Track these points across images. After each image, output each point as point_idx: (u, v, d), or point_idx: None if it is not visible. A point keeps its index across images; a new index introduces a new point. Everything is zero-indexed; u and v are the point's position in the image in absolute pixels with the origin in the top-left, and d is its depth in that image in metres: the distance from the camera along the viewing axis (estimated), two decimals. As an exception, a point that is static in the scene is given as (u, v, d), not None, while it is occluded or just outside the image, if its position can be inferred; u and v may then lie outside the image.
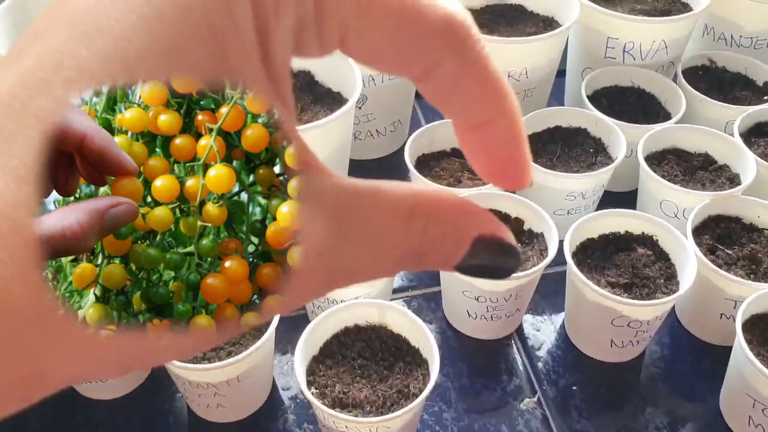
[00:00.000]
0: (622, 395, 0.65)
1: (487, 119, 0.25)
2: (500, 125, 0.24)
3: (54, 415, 0.63)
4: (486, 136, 0.25)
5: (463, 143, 0.27)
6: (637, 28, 0.78)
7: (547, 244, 0.64)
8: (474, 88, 0.23)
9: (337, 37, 0.22)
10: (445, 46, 0.22)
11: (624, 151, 0.71)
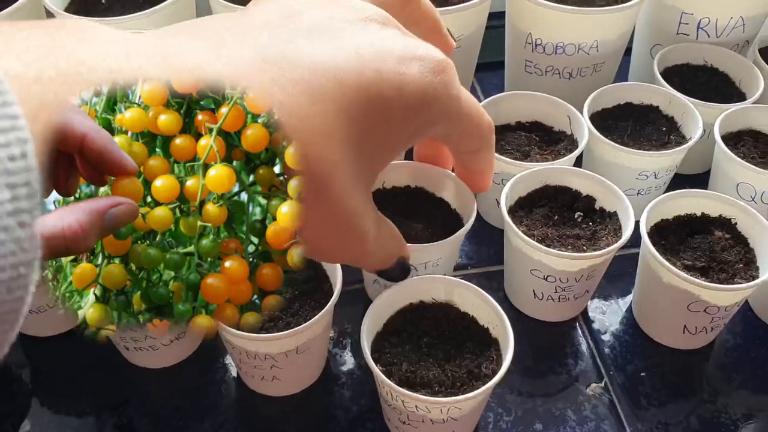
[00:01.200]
0: (692, 383, 0.62)
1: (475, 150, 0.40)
2: (482, 153, 0.41)
3: (103, 382, 0.61)
4: (472, 157, 0.41)
5: (454, 156, 0.43)
6: (715, 3, 0.74)
7: (621, 224, 0.61)
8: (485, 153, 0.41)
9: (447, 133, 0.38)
10: (485, 140, 0.40)
11: (700, 130, 0.68)
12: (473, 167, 0.43)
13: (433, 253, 0.53)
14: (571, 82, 0.76)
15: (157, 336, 0.58)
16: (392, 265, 0.40)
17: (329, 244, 0.34)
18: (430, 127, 0.35)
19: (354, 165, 0.32)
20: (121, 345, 0.59)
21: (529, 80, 0.78)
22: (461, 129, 0.37)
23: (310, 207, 0.31)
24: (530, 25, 0.74)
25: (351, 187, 0.32)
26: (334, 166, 0.31)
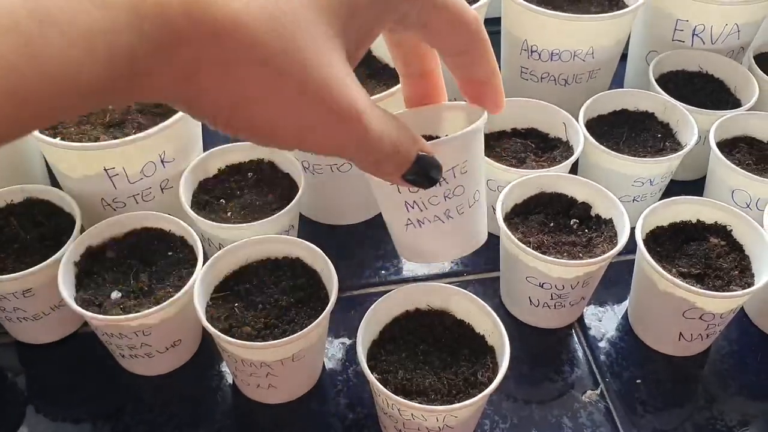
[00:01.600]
0: (688, 390, 0.62)
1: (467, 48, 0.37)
2: (477, 50, 0.37)
3: (99, 390, 0.61)
4: (467, 60, 0.37)
5: (452, 70, 0.39)
6: (710, 11, 0.74)
7: (616, 231, 0.61)
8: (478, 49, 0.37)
9: (423, 22, 0.35)
10: (473, 35, 0.36)
11: (695, 137, 0.68)
12: (474, 75, 0.39)
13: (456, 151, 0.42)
14: (567, 88, 0.77)
15: (153, 343, 0.57)
16: (413, 162, 0.36)
17: (311, 121, 0.30)
18: (398, 2, 0.33)
19: (324, 29, 0.29)
20: (116, 353, 0.59)
21: (525, 86, 0.78)
22: (438, 14, 0.34)
23: (278, 73, 0.28)
24: (526, 32, 0.74)
25: (323, 49, 0.29)
26: (301, 26, 0.29)
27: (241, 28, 0.27)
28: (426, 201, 0.40)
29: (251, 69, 0.28)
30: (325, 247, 0.58)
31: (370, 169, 0.35)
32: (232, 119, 0.29)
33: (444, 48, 0.38)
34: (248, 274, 0.59)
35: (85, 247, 0.59)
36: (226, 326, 0.54)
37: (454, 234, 0.44)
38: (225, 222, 0.61)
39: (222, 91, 0.28)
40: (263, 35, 0.27)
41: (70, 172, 0.61)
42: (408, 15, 0.34)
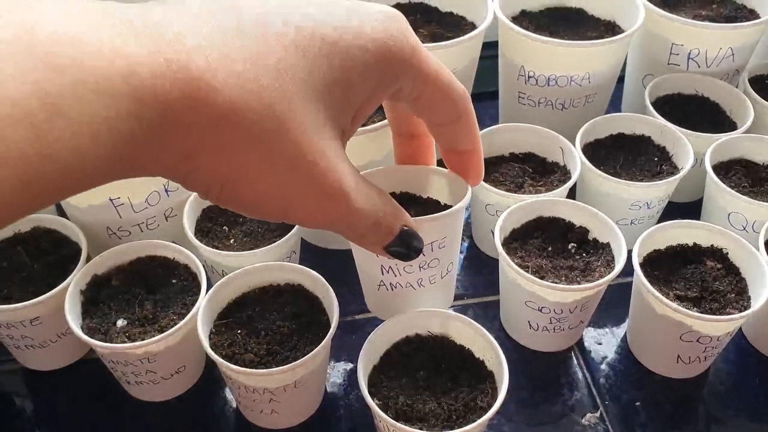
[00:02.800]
0: (687, 412, 0.63)
1: (453, 120, 0.39)
2: (463, 123, 0.39)
3: (104, 416, 0.62)
4: (453, 131, 0.40)
5: (437, 138, 0.42)
6: (704, 35, 0.75)
7: (614, 255, 0.62)
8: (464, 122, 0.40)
9: (415, 95, 0.37)
10: (461, 108, 0.38)
11: (691, 160, 0.69)
12: (458, 146, 0.41)
13: (437, 229, 0.46)
14: (564, 112, 0.78)
15: (158, 370, 0.58)
16: (396, 236, 0.38)
17: (299, 198, 0.32)
18: (394, 78, 0.35)
19: (316, 108, 0.31)
20: (122, 379, 0.60)
21: (522, 111, 0.79)
22: (429, 89, 0.36)
23: (269, 152, 0.30)
24: (523, 57, 0.75)
25: (314, 129, 0.31)
26: (294, 107, 0.30)
27: (238, 114, 0.28)
28: (401, 269, 0.43)
29: (243, 150, 0.29)
30: (327, 271, 0.59)
31: (355, 240, 0.37)
32: (222, 194, 0.31)
33: (432, 119, 0.40)
34: (251, 301, 0.60)
35: (91, 276, 0.60)
36: (229, 353, 0.55)
37: (422, 300, 0.47)
38: (228, 249, 0.62)
39: (216, 170, 0.30)
40: (258, 120, 0.29)
41: (76, 202, 0.63)
42: (402, 89, 0.36)
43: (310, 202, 0.32)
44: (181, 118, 0.27)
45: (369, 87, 0.34)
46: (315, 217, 0.33)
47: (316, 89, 0.31)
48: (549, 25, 0.81)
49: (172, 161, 0.28)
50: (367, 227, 0.35)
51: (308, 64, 0.30)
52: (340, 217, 0.34)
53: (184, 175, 0.30)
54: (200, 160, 0.29)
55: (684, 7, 0.82)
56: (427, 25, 0.79)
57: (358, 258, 0.45)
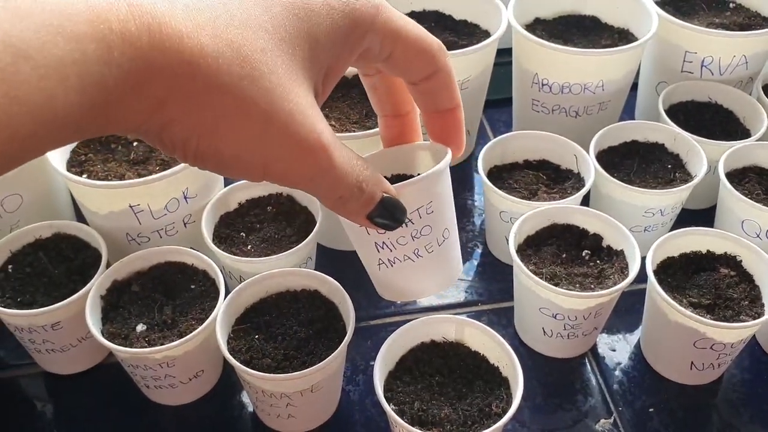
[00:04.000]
0: (700, 419, 0.63)
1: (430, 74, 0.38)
2: (441, 77, 0.38)
3: (122, 419, 0.63)
4: (431, 88, 0.39)
5: (418, 102, 0.41)
6: (717, 42, 0.76)
7: (627, 262, 0.62)
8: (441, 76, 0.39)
9: (387, 53, 0.36)
10: (436, 60, 0.37)
11: (704, 168, 0.69)
12: (439, 104, 0.40)
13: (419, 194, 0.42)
14: (578, 120, 0.78)
15: (177, 374, 0.59)
16: (378, 203, 0.37)
17: (276, 149, 0.31)
18: (361, 36, 0.34)
19: (287, 59, 0.31)
20: (141, 383, 0.61)
21: (536, 118, 0.80)
22: (400, 46, 0.36)
23: (243, 100, 0.29)
24: (537, 65, 0.76)
25: (287, 78, 0.30)
26: (263, 54, 0.30)
27: (207, 59, 0.28)
28: (394, 241, 0.42)
29: (216, 97, 0.29)
30: (342, 277, 0.60)
31: (335, 206, 0.36)
32: (199, 149, 0.30)
33: (407, 76, 0.39)
34: (268, 307, 0.60)
35: (111, 281, 0.61)
36: (247, 358, 0.56)
37: (426, 272, 0.46)
38: (245, 255, 0.63)
39: (189, 120, 0.29)
40: (228, 65, 0.29)
41: (96, 209, 0.64)
42: (371, 48, 0.36)
43: (288, 153, 0.31)
44: (151, 62, 0.27)
45: (336, 45, 0.33)
46: (294, 170, 0.32)
47: (283, 40, 0.30)
48: (562, 32, 0.81)
49: (145, 110, 0.28)
50: (347, 189, 0.34)
51: (273, 18, 0.30)
52: (320, 172, 0.33)
53: (159, 129, 0.29)
54: (173, 109, 0.29)
55: (697, 15, 0.82)
56: (442, 33, 0.80)
57: (354, 242, 0.44)
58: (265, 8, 0.30)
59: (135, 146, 0.67)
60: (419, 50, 0.37)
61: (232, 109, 0.29)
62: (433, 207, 0.42)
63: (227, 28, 0.29)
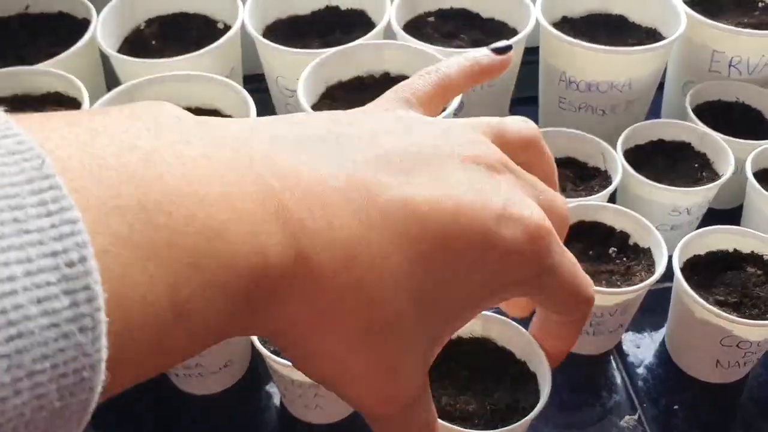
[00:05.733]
0: (725, 418, 0.63)
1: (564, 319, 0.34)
2: (572, 325, 0.34)
3: (150, 408, 0.64)
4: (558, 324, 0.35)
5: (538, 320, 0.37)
6: (746, 42, 0.76)
7: (654, 260, 0.63)
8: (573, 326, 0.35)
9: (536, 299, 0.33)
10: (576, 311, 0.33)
11: (731, 167, 0.69)
12: (554, 333, 0.37)
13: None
14: (604, 118, 0.78)
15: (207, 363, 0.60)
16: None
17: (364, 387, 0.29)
18: (512, 289, 0.30)
19: (418, 320, 0.28)
20: (171, 372, 0.62)
21: (562, 116, 0.80)
22: (552, 299, 0.32)
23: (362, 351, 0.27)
24: (564, 63, 0.76)
25: (410, 341, 0.28)
26: (398, 316, 0.27)
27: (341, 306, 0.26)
28: None
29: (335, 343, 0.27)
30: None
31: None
32: (300, 366, 0.29)
33: (543, 313, 0.36)
34: (297, 299, 0.61)
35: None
36: (276, 348, 0.57)
37: None
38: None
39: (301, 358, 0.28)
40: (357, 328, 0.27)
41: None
42: (527, 295, 0.32)
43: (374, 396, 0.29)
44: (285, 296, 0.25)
45: (481, 297, 0.29)
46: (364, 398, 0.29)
47: (426, 296, 0.27)
48: (590, 31, 0.81)
49: (263, 333, 0.27)
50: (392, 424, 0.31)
51: (425, 268, 0.27)
52: (379, 401, 0.29)
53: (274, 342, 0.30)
54: (292, 352, 0.28)
55: (726, 15, 0.82)
56: (469, 31, 0.80)
57: None
58: (422, 265, 0.27)
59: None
60: (568, 306, 0.32)
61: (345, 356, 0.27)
62: None
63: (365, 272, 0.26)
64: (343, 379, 0.28)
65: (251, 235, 0.23)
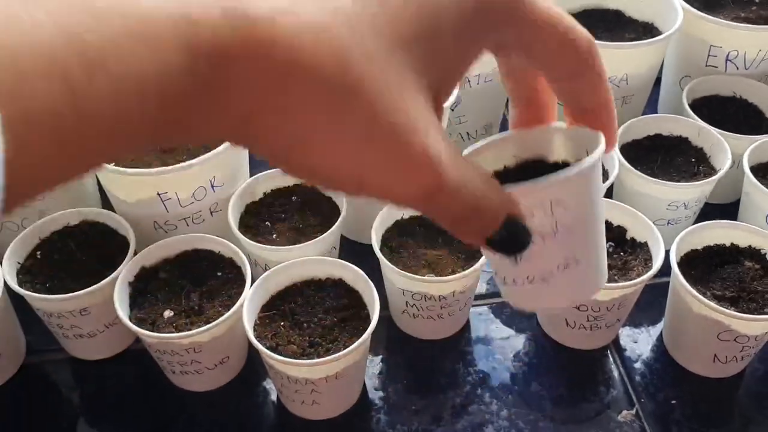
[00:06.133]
0: (723, 412, 0.63)
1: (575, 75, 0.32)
2: (587, 78, 0.32)
3: (148, 405, 0.63)
4: (576, 87, 0.32)
5: (558, 95, 0.34)
6: (743, 37, 0.76)
7: (651, 254, 0.63)
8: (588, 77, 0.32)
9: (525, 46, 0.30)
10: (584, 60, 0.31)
11: (729, 162, 0.69)
12: (583, 104, 0.34)
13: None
14: (602, 113, 0.78)
15: (203, 360, 0.60)
16: (500, 226, 0.29)
17: (374, 166, 0.26)
18: (492, 28, 0.29)
19: (399, 62, 0.26)
20: (167, 369, 0.62)
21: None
22: (543, 38, 0.30)
23: (341, 113, 0.25)
24: (561, 58, 0.76)
25: (396, 86, 0.26)
26: (370, 62, 0.25)
27: (306, 70, 0.24)
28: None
29: (313, 111, 0.25)
30: (366, 266, 0.61)
31: (447, 227, 0.30)
32: (290, 161, 0.27)
33: (549, 73, 0.33)
34: (293, 295, 0.61)
35: (139, 268, 0.62)
36: (273, 344, 0.57)
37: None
38: (271, 244, 0.64)
39: (278, 135, 0.26)
40: (328, 76, 0.25)
41: (124, 197, 0.64)
42: (505, 40, 0.30)
43: (387, 170, 0.27)
44: (242, 75, 0.24)
45: (463, 38, 0.28)
46: (395, 190, 0.27)
47: (397, 42, 0.26)
48: (586, 26, 0.80)
49: (230, 125, 0.25)
50: (461, 211, 0.29)
51: (388, 12, 0.26)
52: (428, 194, 0.27)
53: (243, 139, 0.26)
54: (261, 124, 0.25)
55: (723, 10, 0.82)
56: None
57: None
58: (382, 9, 0.26)
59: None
60: (564, 46, 0.31)
61: (326, 125, 0.25)
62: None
63: (331, 29, 0.25)
64: (363, 181, 0.27)
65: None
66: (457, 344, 0.67)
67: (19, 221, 0.67)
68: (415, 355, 0.67)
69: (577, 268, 0.34)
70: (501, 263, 0.34)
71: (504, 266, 0.34)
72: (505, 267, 0.34)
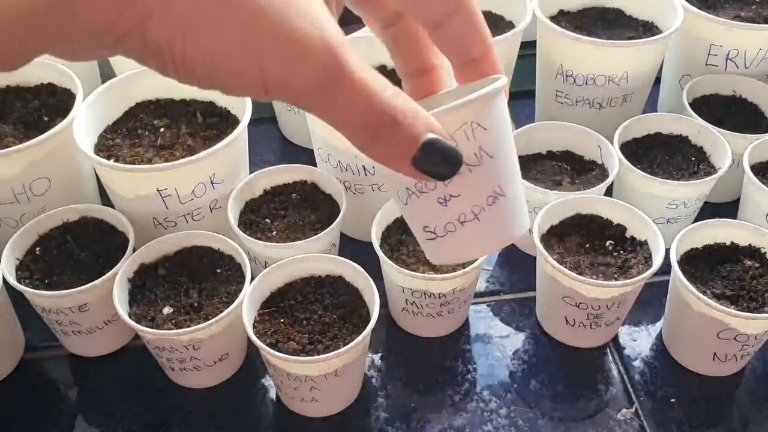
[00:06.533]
0: (722, 411, 0.63)
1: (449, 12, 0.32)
2: (463, 16, 0.32)
3: (146, 402, 0.63)
4: (455, 31, 0.33)
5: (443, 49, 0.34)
6: (744, 36, 0.76)
7: (651, 253, 0.63)
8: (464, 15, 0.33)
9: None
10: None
11: (728, 161, 0.69)
12: (468, 53, 0.33)
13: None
14: (601, 112, 0.78)
15: (202, 357, 0.60)
16: (422, 146, 0.29)
17: (269, 49, 0.25)
18: None
19: None
20: (166, 366, 0.62)
21: (559, 110, 0.80)
22: None
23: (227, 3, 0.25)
24: (561, 57, 0.76)
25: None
26: None
27: None
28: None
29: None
30: (366, 264, 0.61)
31: (367, 144, 0.29)
32: (187, 52, 0.25)
33: (423, 16, 0.33)
34: (293, 292, 0.61)
35: (138, 265, 0.62)
36: (272, 341, 0.57)
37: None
38: (270, 241, 0.64)
39: (169, 14, 0.25)
40: None
41: (124, 193, 0.64)
42: None
43: (285, 54, 0.25)
44: None
45: None
46: (296, 76, 0.26)
47: None
48: (587, 25, 0.81)
49: (116, 11, 0.24)
50: (375, 116, 0.27)
51: None
52: (329, 79, 0.26)
53: (139, 28, 0.25)
54: (147, 3, 0.24)
55: (723, 8, 0.82)
56: (466, 23, 0.80)
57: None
58: None
59: (162, 132, 0.68)
60: None
61: (211, 12, 0.25)
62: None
63: None
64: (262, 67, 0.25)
65: None
66: (456, 342, 0.67)
67: (18, 217, 0.67)
68: (415, 352, 0.67)
69: (505, 201, 0.34)
70: (430, 208, 0.33)
71: (434, 211, 0.33)
72: (435, 212, 0.34)
